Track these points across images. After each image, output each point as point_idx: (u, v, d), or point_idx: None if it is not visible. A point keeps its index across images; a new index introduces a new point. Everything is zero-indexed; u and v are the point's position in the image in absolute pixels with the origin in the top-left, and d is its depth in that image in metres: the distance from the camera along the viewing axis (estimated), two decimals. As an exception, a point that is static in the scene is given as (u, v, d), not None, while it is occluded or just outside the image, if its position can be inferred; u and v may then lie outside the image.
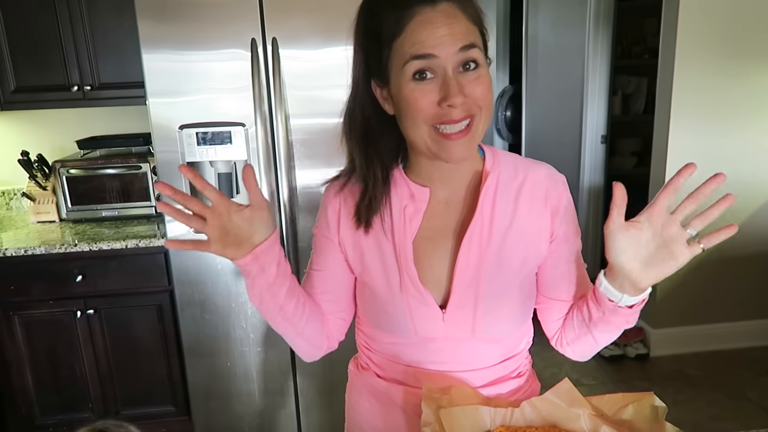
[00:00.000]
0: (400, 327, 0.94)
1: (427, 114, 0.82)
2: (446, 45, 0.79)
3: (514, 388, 1.02)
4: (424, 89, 0.81)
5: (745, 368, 2.91)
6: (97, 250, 2.23)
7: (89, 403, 2.41)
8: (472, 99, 0.81)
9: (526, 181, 0.95)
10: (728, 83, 2.79)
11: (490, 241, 0.92)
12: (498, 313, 0.94)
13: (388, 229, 0.93)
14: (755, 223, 2.97)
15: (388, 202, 0.93)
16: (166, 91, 1.97)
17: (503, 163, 0.95)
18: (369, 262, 0.95)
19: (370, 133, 0.90)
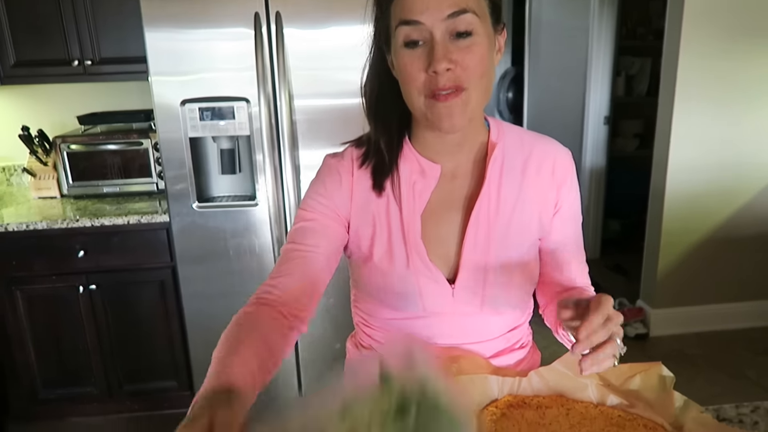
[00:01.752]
0: (408, 304, 0.93)
1: (419, 82, 0.81)
2: (432, 11, 0.77)
3: (518, 359, 1.03)
4: (413, 55, 0.81)
5: (744, 348, 2.93)
6: (98, 225, 2.22)
7: (92, 378, 2.42)
8: (461, 68, 0.80)
9: (533, 153, 0.95)
10: (734, 65, 2.77)
11: (498, 214, 0.92)
12: (507, 287, 0.94)
13: (397, 200, 0.92)
14: (757, 205, 2.96)
15: (397, 172, 0.93)
16: (169, 68, 1.95)
17: (509, 135, 0.95)
18: (377, 237, 0.93)
19: (382, 98, 0.90)
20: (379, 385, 0.62)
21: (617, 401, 0.89)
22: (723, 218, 2.97)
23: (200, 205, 2.08)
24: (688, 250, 3.00)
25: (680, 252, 3.00)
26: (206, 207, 2.09)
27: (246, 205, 2.09)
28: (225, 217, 2.10)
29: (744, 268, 3.05)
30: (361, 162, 0.94)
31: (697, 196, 2.93)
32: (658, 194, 2.98)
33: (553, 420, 0.86)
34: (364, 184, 0.94)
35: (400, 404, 0.60)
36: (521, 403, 0.89)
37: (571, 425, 0.85)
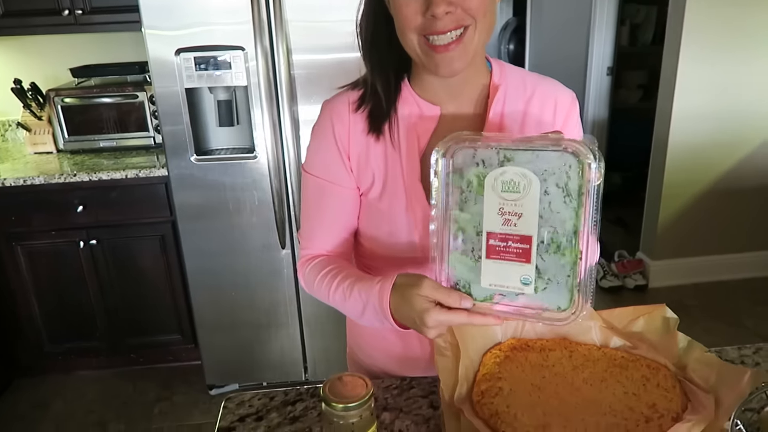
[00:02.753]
0: (406, 246, 0.93)
1: (414, 23, 0.79)
2: None
3: None
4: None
5: (743, 298, 2.96)
6: (96, 180, 2.20)
7: (96, 332, 2.44)
8: (463, 8, 0.77)
9: (535, 94, 0.93)
10: (741, 10, 2.70)
11: None
12: None
13: (396, 143, 0.90)
14: (759, 155, 2.94)
15: (396, 115, 0.91)
16: (162, 19, 1.90)
17: (511, 76, 0.93)
18: (378, 179, 0.92)
19: (378, 37, 0.87)
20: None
21: (620, 343, 0.89)
22: (725, 169, 2.95)
23: (198, 158, 2.06)
24: (689, 201, 2.99)
25: (681, 204, 2.99)
26: (204, 160, 2.07)
27: (245, 157, 2.07)
28: (224, 170, 2.08)
29: (745, 218, 3.05)
30: (357, 106, 0.92)
31: (699, 146, 2.90)
32: (661, 145, 2.95)
33: (556, 362, 0.87)
34: (360, 128, 0.92)
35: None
36: (524, 346, 0.89)
37: (574, 367, 0.86)
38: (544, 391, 0.82)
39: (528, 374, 0.85)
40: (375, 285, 0.83)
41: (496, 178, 0.73)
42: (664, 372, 0.83)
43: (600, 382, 0.83)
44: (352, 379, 0.72)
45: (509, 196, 0.73)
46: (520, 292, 0.74)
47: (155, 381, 2.48)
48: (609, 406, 0.79)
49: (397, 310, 0.80)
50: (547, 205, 0.72)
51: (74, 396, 2.42)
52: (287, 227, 2.13)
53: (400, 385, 0.93)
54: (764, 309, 2.86)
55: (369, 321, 0.86)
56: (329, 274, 0.93)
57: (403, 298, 0.78)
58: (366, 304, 0.84)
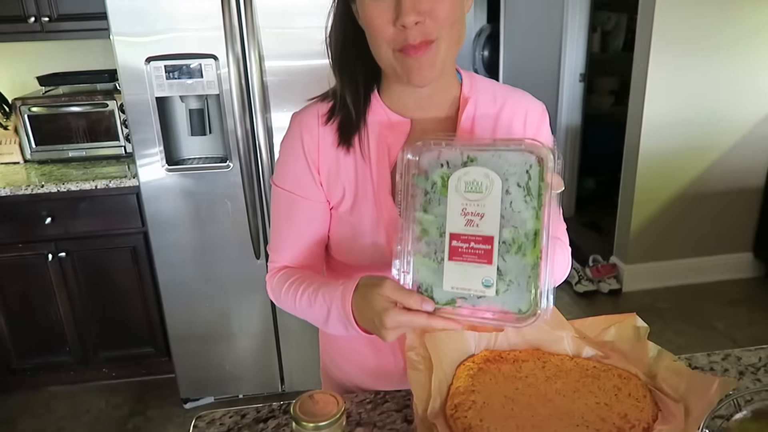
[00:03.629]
0: (378, 259, 0.92)
1: (386, 35, 0.79)
2: None
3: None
4: (380, 7, 0.77)
5: (714, 300, 3.01)
6: (65, 191, 2.15)
7: (66, 346, 2.39)
8: (431, 18, 0.77)
9: (505, 106, 0.93)
10: (709, 19, 2.76)
11: None
12: None
13: (366, 155, 0.90)
14: (729, 159, 3.00)
15: (365, 127, 0.90)
16: (131, 26, 1.86)
17: (482, 88, 0.93)
18: (348, 193, 0.92)
19: (347, 48, 0.86)
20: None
21: (592, 353, 0.89)
22: (695, 174, 3.01)
23: (170, 168, 2.03)
24: (660, 206, 3.04)
25: (653, 208, 3.04)
26: (176, 170, 2.03)
27: (218, 167, 2.04)
28: (196, 180, 2.05)
29: (715, 222, 3.11)
30: (327, 118, 0.91)
31: (670, 152, 2.95)
32: (633, 150, 3.00)
33: (529, 373, 0.87)
34: (330, 141, 0.91)
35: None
36: (498, 357, 0.89)
37: (547, 377, 0.86)
38: (517, 403, 0.82)
39: (501, 386, 0.84)
40: (338, 287, 0.82)
41: (460, 178, 0.73)
42: (635, 381, 0.83)
43: (572, 393, 0.83)
44: (324, 396, 0.71)
45: (472, 196, 0.73)
46: (482, 294, 0.73)
47: (128, 395, 2.43)
48: (582, 416, 0.79)
49: (359, 312, 0.79)
50: (508, 205, 0.72)
51: (43, 412, 2.36)
52: (261, 237, 2.11)
53: (373, 400, 0.92)
54: (734, 311, 2.91)
55: (334, 327, 0.85)
56: (295, 282, 0.91)
57: (365, 299, 0.76)
58: (330, 307, 0.83)
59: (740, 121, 2.95)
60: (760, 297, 3.04)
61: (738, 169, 3.03)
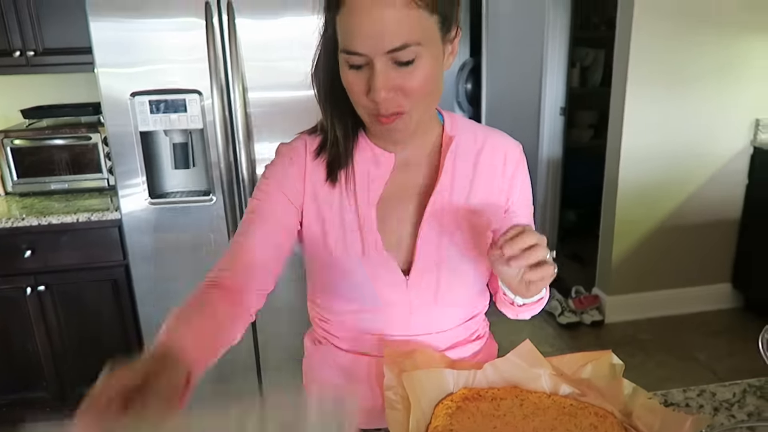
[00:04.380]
0: (363, 295, 0.93)
1: (361, 102, 0.81)
2: (373, 45, 0.74)
3: (474, 351, 1.04)
4: (356, 77, 0.79)
5: (694, 331, 3.04)
6: (46, 224, 2.14)
7: (43, 381, 2.34)
8: (403, 93, 0.78)
9: (485, 147, 0.96)
10: (683, 56, 2.85)
11: (452, 205, 0.92)
12: (461, 278, 0.95)
13: (351, 191, 0.91)
14: (706, 192, 3.07)
15: (351, 162, 0.92)
16: (116, 60, 1.89)
17: (462, 128, 0.96)
18: (330, 228, 0.92)
19: (336, 90, 0.87)
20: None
21: (569, 390, 0.90)
22: (673, 206, 3.07)
23: (153, 201, 2.03)
24: (640, 237, 3.09)
25: (633, 240, 3.08)
26: (159, 203, 2.04)
27: (201, 200, 2.05)
28: (179, 213, 2.05)
29: (694, 253, 3.16)
30: (317, 154, 0.93)
31: (648, 184, 3.01)
32: (612, 183, 3.05)
33: (507, 411, 0.87)
34: (318, 176, 0.92)
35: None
36: (476, 395, 0.90)
37: (524, 415, 0.86)
38: (495, 442, 0.82)
39: (480, 425, 0.85)
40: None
41: None
42: (611, 420, 0.84)
43: (550, 431, 0.83)
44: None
45: None
46: None
47: None
48: (558, 455, 0.79)
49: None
50: None
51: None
52: (244, 270, 2.10)
53: (352, 439, 0.92)
54: (715, 342, 2.94)
55: None
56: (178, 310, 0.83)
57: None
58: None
59: (716, 154, 3.02)
60: (739, 328, 3.08)
61: (715, 201, 3.09)
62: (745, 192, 3.09)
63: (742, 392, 0.99)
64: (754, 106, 2.97)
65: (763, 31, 2.86)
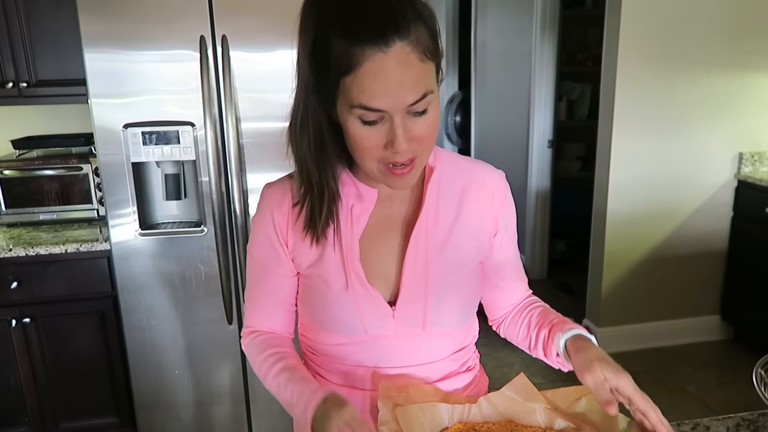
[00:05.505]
0: (349, 327, 0.92)
1: (375, 154, 0.81)
2: (397, 102, 0.76)
3: (466, 383, 1.03)
4: (372, 131, 0.79)
5: (684, 363, 3.04)
6: (33, 255, 2.12)
7: (25, 417, 2.28)
8: (418, 141, 0.81)
9: (470, 179, 0.97)
10: (667, 89, 2.91)
11: (437, 235, 0.93)
12: (448, 306, 0.95)
13: (335, 228, 0.91)
14: (693, 224, 3.10)
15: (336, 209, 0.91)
16: (110, 91, 1.90)
17: (444, 159, 0.97)
18: (315, 264, 0.93)
19: (322, 143, 0.85)
20: None
21: (564, 425, 0.90)
22: (662, 237, 3.10)
23: (143, 232, 2.02)
24: (629, 269, 3.11)
25: (622, 271, 3.10)
26: (150, 234, 2.03)
27: (192, 231, 2.04)
28: (170, 244, 2.04)
29: (682, 285, 3.18)
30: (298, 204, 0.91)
31: (636, 216, 3.04)
32: (600, 215, 3.09)
33: (502, 446, 0.86)
34: (300, 219, 0.92)
35: None
36: (471, 430, 0.89)
37: (520, 451, 0.86)
38: (490, 479, 0.81)
39: (475, 460, 0.84)
40: (305, 394, 0.86)
41: None
42: (607, 454, 0.83)
43: (546, 467, 0.83)
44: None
45: None
46: None
47: (88, 469, 2.32)
48: (555, 492, 0.79)
49: (317, 424, 0.82)
50: None
51: (-4, 489, 2.22)
52: (234, 302, 2.09)
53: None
54: (704, 374, 2.94)
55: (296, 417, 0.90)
56: (270, 358, 0.96)
57: (324, 417, 0.80)
58: (294, 405, 0.88)
59: (701, 187, 3.07)
60: (729, 359, 3.08)
61: (702, 233, 3.13)
62: (731, 224, 3.13)
63: (735, 426, 0.99)
64: (737, 140, 3.04)
65: (745, 68, 2.95)
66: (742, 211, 3.06)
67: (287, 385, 0.90)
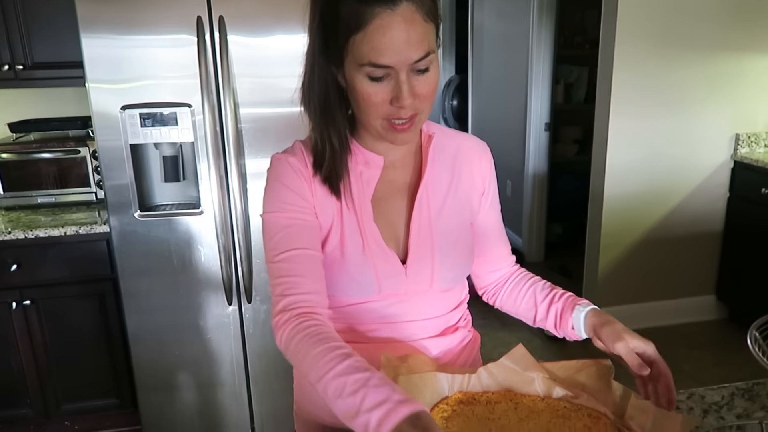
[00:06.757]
0: (365, 288, 0.96)
1: (381, 110, 0.87)
2: (403, 58, 0.82)
3: (463, 337, 1.09)
4: (378, 88, 0.85)
5: (680, 343, 3.07)
6: (33, 237, 2.12)
7: (27, 398, 2.30)
8: (420, 98, 0.87)
9: (459, 146, 1.05)
10: (665, 71, 2.91)
11: (437, 197, 1.00)
12: (451, 263, 1.01)
13: (348, 191, 0.96)
14: (689, 205, 3.12)
15: (346, 168, 0.96)
16: (108, 74, 1.88)
17: (436, 128, 1.05)
18: (335, 227, 0.96)
19: (328, 103, 0.91)
20: None
21: (563, 393, 0.91)
22: (658, 218, 3.12)
23: (142, 214, 2.02)
24: (626, 250, 3.13)
25: (619, 252, 3.12)
26: (148, 216, 2.03)
27: (190, 213, 2.05)
28: (168, 226, 2.04)
29: (678, 266, 3.20)
30: (314, 166, 0.95)
31: (633, 197, 3.06)
32: (597, 197, 3.10)
33: (502, 414, 0.88)
34: (318, 183, 0.96)
35: None
36: (471, 399, 0.91)
37: (519, 419, 0.87)
38: (491, 445, 0.83)
39: (475, 428, 0.86)
40: (388, 404, 0.71)
41: None
42: (605, 421, 0.85)
43: (544, 433, 0.84)
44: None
45: None
46: None
47: (91, 450, 2.34)
48: (553, 457, 0.80)
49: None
50: None
51: (0, 470, 2.25)
52: (234, 283, 2.10)
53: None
54: (700, 353, 2.97)
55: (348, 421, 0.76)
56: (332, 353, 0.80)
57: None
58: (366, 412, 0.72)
59: (698, 168, 3.08)
60: (724, 339, 3.11)
61: (698, 214, 3.14)
62: (727, 205, 3.15)
63: (730, 395, 1.01)
64: (733, 121, 3.04)
65: (742, 50, 2.95)
66: (738, 192, 3.07)
67: (360, 389, 0.74)
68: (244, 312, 2.15)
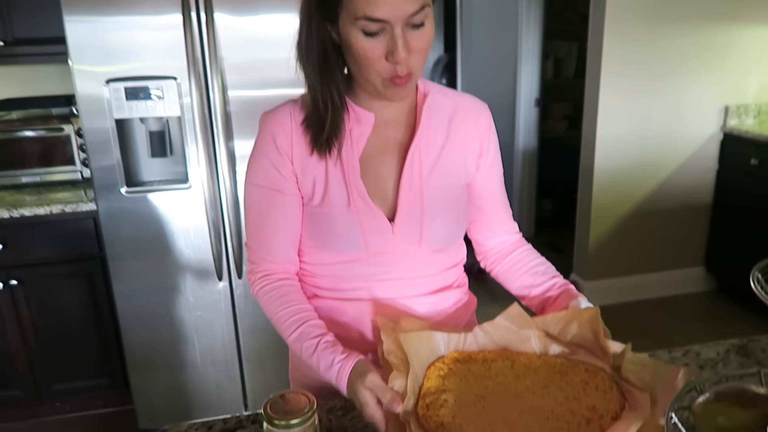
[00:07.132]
0: (351, 244, 0.96)
1: (378, 67, 0.86)
2: (399, 12, 0.81)
3: (457, 298, 1.08)
4: (373, 43, 0.84)
5: (670, 314, 3.10)
6: (18, 217, 2.08)
7: (16, 379, 2.28)
8: (415, 53, 0.86)
9: (458, 106, 1.03)
10: (654, 48, 2.90)
11: (430, 156, 0.99)
12: (441, 223, 1.00)
13: (335, 149, 0.94)
14: (679, 178, 3.13)
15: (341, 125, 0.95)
16: (90, 53, 1.84)
17: (433, 87, 1.02)
18: (318, 183, 0.96)
19: (326, 60, 0.90)
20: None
21: (559, 350, 0.91)
22: (648, 192, 3.13)
23: (129, 190, 1.99)
24: (616, 223, 3.14)
25: (609, 225, 3.13)
26: (136, 192, 2.00)
27: (178, 188, 2.02)
28: (156, 201, 2.01)
29: (668, 238, 3.22)
30: (303, 124, 0.95)
31: (623, 171, 3.06)
32: (587, 171, 3.10)
33: (498, 372, 0.88)
34: (304, 140, 0.95)
35: None
36: (467, 358, 0.90)
37: (516, 376, 0.87)
38: (488, 401, 0.82)
39: (472, 385, 0.85)
40: (335, 366, 0.89)
41: None
42: (602, 374, 0.85)
43: (542, 389, 0.84)
44: (295, 395, 0.71)
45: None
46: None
47: (82, 430, 2.33)
48: (551, 411, 0.80)
49: (349, 390, 0.87)
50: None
51: (-9, 452, 2.23)
52: (224, 258, 2.08)
53: (344, 406, 0.91)
54: (690, 324, 3.00)
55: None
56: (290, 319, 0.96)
57: (353, 386, 0.85)
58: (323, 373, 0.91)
59: (687, 140, 3.09)
60: (712, 310, 3.15)
61: (687, 186, 3.15)
62: (716, 177, 3.16)
63: (725, 351, 1.01)
64: (723, 94, 3.04)
65: (731, 21, 2.94)
66: (728, 164, 3.08)
67: (313, 354, 0.92)
68: (235, 288, 2.13)
